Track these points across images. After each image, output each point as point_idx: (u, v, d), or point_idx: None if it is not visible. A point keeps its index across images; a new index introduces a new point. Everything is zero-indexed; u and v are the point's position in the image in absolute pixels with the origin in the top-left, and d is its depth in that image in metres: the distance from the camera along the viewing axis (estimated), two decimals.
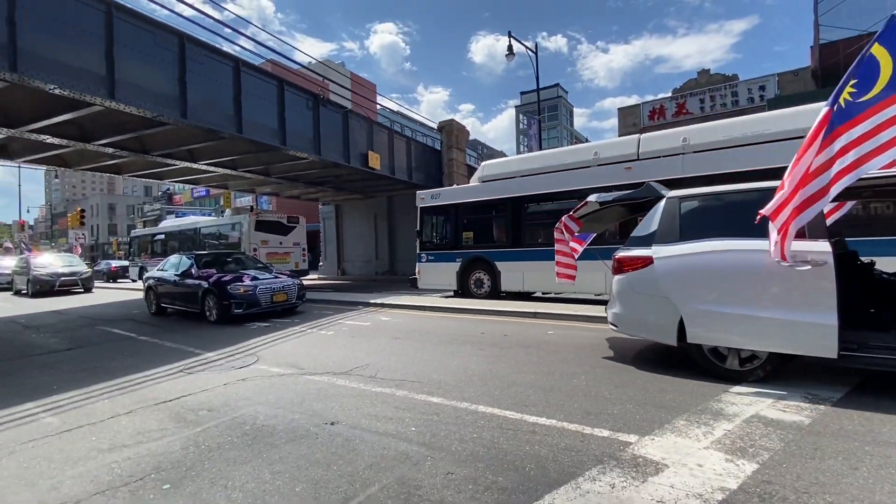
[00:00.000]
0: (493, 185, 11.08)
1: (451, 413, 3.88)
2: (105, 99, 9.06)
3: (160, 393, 4.74)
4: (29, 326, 9.89)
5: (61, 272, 18.75)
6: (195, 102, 10.76)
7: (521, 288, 10.50)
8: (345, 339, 7.24)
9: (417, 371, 5.19)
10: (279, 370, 5.48)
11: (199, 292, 9.61)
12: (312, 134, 14.44)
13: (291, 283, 10.08)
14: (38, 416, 4.19)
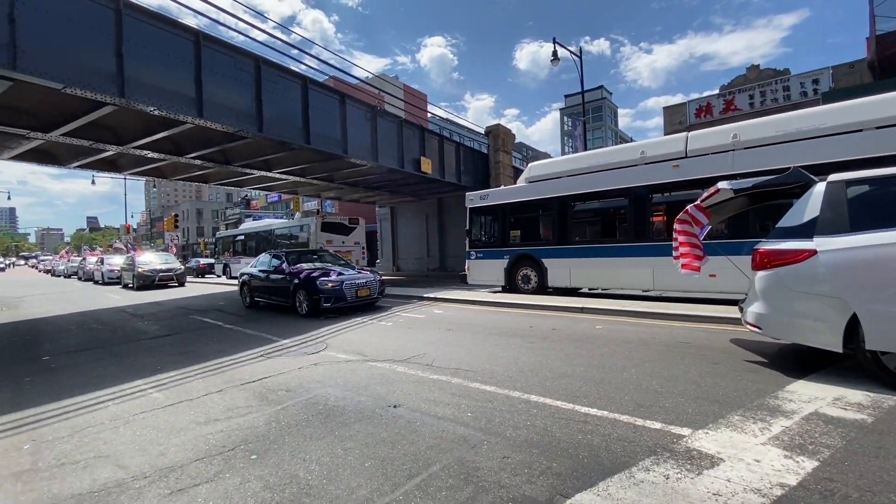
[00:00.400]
0: (540, 186, 10.88)
1: (505, 401, 3.85)
2: (195, 117, 9.74)
3: (245, 374, 5.05)
4: (135, 315, 10.84)
5: (159, 268, 20.39)
6: (270, 118, 11.33)
7: (567, 284, 10.24)
8: (402, 330, 7.38)
9: (470, 361, 5.20)
10: (346, 357, 5.68)
11: (290, 287, 9.66)
12: (370, 143, 14.79)
13: (373, 278, 9.94)
14: (147, 392, 4.58)
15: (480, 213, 12.15)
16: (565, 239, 10.27)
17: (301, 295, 9.37)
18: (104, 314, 11.32)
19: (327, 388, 4.43)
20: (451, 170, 19.29)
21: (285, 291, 9.83)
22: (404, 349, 5.93)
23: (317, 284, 9.11)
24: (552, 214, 10.54)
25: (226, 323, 8.97)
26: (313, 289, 9.09)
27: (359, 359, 5.55)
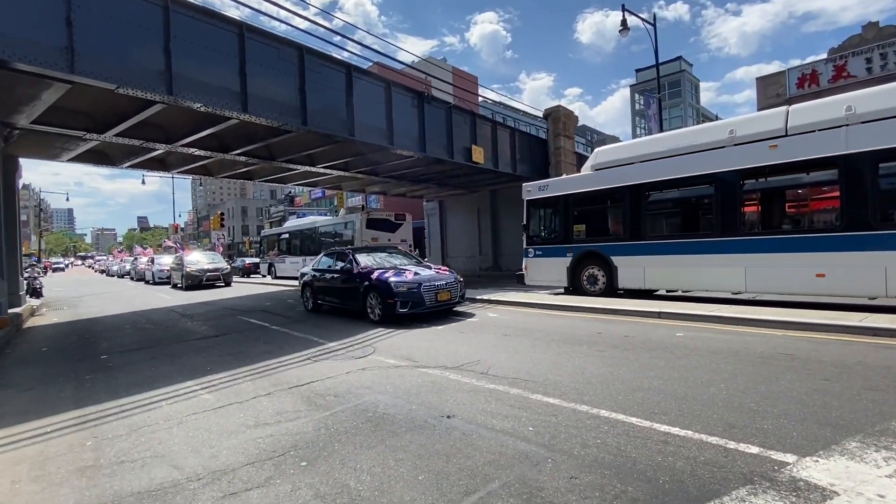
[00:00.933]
0: (608, 173, 10.53)
1: (571, 415, 3.77)
2: (240, 113, 10.34)
3: (292, 378, 5.31)
4: (185, 315, 11.71)
5: (207, 268, 21.92)
6: (313, 110, 11.79)
7: (641, 285, 9.86)
8: (453, 334, 7.44)
9: (530, 370, 5.14)
10: (394, 362, 5.81)
11: (360, 289, 9.22)
12: (417, 132, 14.99)
13: (453, 279, 9.25)
14: (198, 393, 4.94)
15: (539, 205, 11.99)
16: (638, 233, 9.89)
17: (372, 298, 8.96)
18: (155, 314, 12.33)
19: (376, 394, 4.55)
20: (506, 158, 19.13)
21: (354, 294, 9.45)
22: (457, 355, 5.97)
23: (391, 286, 8.60)
24: (623, 206, 10.19)
25: (272, 324, 9.47)
26: (387, 291, 8.60)
27: (408, 364, 5.66)
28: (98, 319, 11.84)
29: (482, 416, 3.84)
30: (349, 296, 9.68)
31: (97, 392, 5.17)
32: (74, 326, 10.74)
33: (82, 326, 10.68)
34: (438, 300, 8.84)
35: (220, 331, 9.02)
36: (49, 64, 7.65)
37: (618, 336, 6.67)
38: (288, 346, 7.12)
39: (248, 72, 10.39)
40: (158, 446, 3.62)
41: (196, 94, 9.57)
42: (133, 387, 5.29)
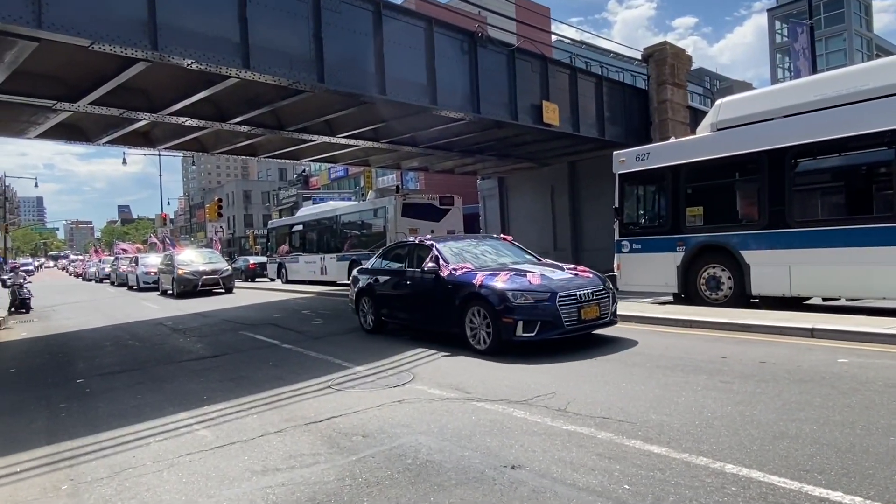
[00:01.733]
0: (736, 134, 10.14)
1: (683, 470, 3.66)
2: (240, 69, 10.75)
3: (309, 411, 5.48)
4: (176, 330, 12.37)
5: (203, 270, 22.90)
6: (333, 62, 12.07)
7: (785, 291, 9.46)
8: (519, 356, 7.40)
9: (626, 406, 5.03)
10: (440, 392, 5.86)
11: (453, 301, 8.04)
12: (469, 86, 15.00)
13: (602, 286, 8.00)
14: (193, 428, 5.20)
15: (637, 180, 11.77)
16: (781, 218, 9.48)
17: (476, 316, 7.76)
18: (140, 328, 13.09)
19: (417, 435, 4.61)
20: (590, 117, 18.79)
21: (443, 309, 8.32)
22: (523, 385, 5.94)
23: (506, 297, 7.34)
24: (759, 179, 9.81)
25: (283, 342, 9.80)
26: (500, 305, 7.34)
27: (458, 396, 5.69)
28: (74, 334, 12.71)
29: (559, 468, 3.79)
30: (435, 311, 8.58)
31: (73, 424, 5.55)
32: (47, 343, 11.59)
33: (56, 343, 11.50)
34: (583, 319, 7.48)
35: (219, 350, 9.43)
36: (13, 17, 8.25)
37: (751, 362, 6.42)
38: (303, 370, 7.34)
39: (250, 16, 10.77)
40: (146, 494, 3.83)
41: (186, 47, 10.03)
42: (115, 418, 5.63)
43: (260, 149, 20.60)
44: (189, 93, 12.77)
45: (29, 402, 6.62)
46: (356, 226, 22.51)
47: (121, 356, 9.46)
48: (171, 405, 6.02)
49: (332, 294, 19.67)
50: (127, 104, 13.37)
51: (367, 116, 16.23)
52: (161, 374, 7.70)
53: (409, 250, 9.86)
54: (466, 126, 17.32)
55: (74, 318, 16.18)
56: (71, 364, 8.98)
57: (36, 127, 15.24)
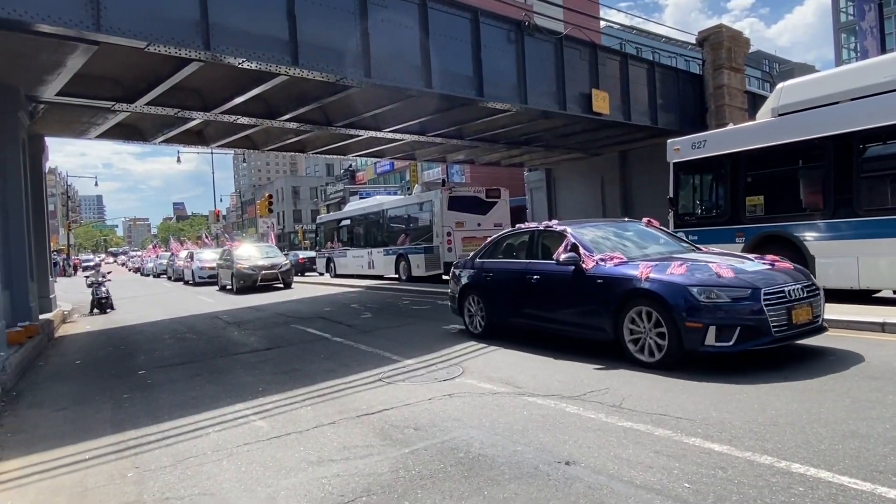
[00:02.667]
0: (799, 119, 9.76)
1: (746, 469, 3.56)
2: (289, 66, 10.96)
3: (361, 403, 5.57)
4: (231, 323, 12.76)
5: (261, 264, 22.89)
6: (379, 57, 12.17)
7: (853, 283, 9.10)
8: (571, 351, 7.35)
9: (683, 403, 4.92)
10: (491, 387, 5.86)
11: (606, 300, 6.65)
12: (515, 76, 14.88)
13: (809, 279, 6.50)
14: (249, 419, 5.36)
15: (693, 169, 11.47)
16: (849, 206, 9.11)
17: (639, 318, 6.32)
18: (198, 321, 13.56)
19: (468, 428, 4.63)
20: (641, 105, 18.39)
21: (588, 308, 6.98)
22: (577, 380, 5.89)
23: (690, 295, 5.90)
24: (824, 167, 9.44)
25: (334, 335, 9.99)
26: (681, 305, 5.91)
27: (510, 391, 5.68)
28: (134, 328, 13.28)
29: (615, 465, 3.74)
30: (575, 312, 7.20)
31: (136, 414, 5.81)
32: (109, 336, 12.15)
33: (117, 336, 12.04)
34: (794, 323, 5.95)
35: (273, 343, 9.69)
36: (74, 22, 8.64)
37: (818, 357, 6.19)
38: (354, 363, 7.47)
39: (298, 13, 10.95)
40: (207, 482, 3.98)
41: (237, 46, 10.29)
42: (175, 409, 5.86)
43: (308, 145, 21.00)
44: (240, 91, 13.11)
45: (94, 392, 6.95)
46: (402, 220, 22.67)
47: (179, 349, 9.83)
48: (229, 396, 6.22)
49: (380, 288, 19.91)
50: (181, 104, 13.83)
51: (414, 110, 16.31)
52: (218, 366, 7.97)
53: (531, 238, 8.32)
54: (513, 117, 17.21)
55: (134, 311, 16.88)
56: (132, 356, 9.38)
57: (96, 128, 15.95)
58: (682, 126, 18.97)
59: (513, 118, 17.36)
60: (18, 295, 11.22)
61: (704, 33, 20.34)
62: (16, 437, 5.36)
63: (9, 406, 6.52)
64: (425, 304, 14.20)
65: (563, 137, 21.20)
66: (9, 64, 10.23)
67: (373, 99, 14.94)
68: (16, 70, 10.71)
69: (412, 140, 19.83)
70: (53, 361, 9.46)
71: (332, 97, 13.91)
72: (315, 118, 16.25)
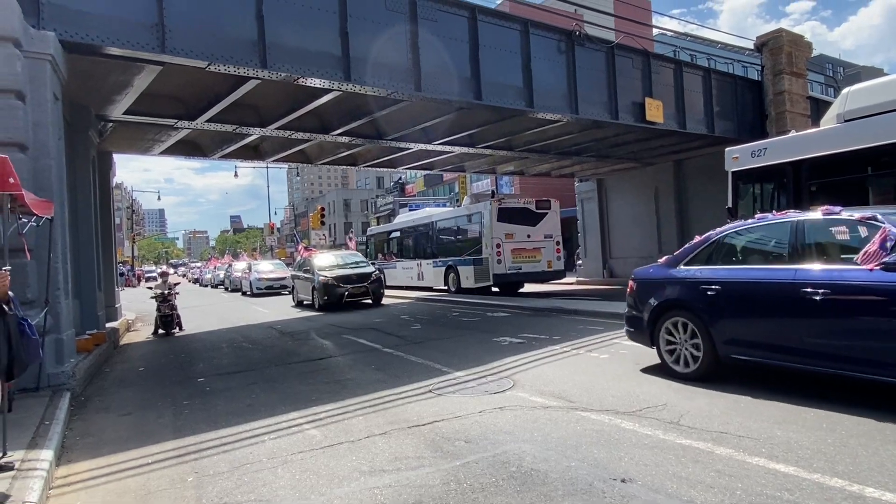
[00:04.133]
0: (869, 125, 9.31)
1: (815, 492, 3.40)
2: (342, 82, 11.22)
3: (412, 414, 5.59)
4: (284, 333, 13.04)
5: (348, 274, 18.79)
6: (429, 71, 12.32)
7: None
8: (626, 366, 7.25)
9: (745, 421, 4.75)
10: (542, 401, 5.80)
11: None
12: (566, 86, 14.78)
13: None
14: (303, 427, 5.46)
15: (753, 179, 11.09)
16: None
17: None
18: (252, 331, 13.92)
19: (520, 443, 4.59)
20: (697, 113, 17.96)
21: None
22: (632, 396, 5.78)
23: None
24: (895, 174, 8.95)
25: (384, 346, 10.09)
26: None
27: (562, 405, 5.61)
28: (193, 336, 13.74)
29: (673, 484, 3.63)
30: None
31: (196, 420, 6.00)
32: (170, 344, 12.62)
33: (178, 344, 12.49)
34: None
35: (325, 353, 9.87)
36: (140, 45, 9.11)
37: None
38: (404, 374, 7.53)
39: (350, 30, 11.21)
40: (263, 489, 4.07)
41: (292, 64, 10.60)
42: (232, 416, 6.03)
43: (359, 158, 21.36)
44: (295, 107, 13.49)
45: (156, 398, 7.22)
46: (452, 231, 22.76)
47: (236, 357, 10.11)
48: (283, 405, 6.36)
49: (429, 299, 20.01)
50: (239, 120, 14.34)
51: (463, 122, 16.39)
52: (272, 375, 8.16)
53: (794, 233, 5.84)
54: (564, 127, 17.07)
55: (193, 321, 17.44)
56: (192, 364, 9.71)
57: (159, 144, 16.70)
58: (741, 134, 18.40)
59: (563, 128, 17.22)
60: (87, 304, 11.76)
61: (763, 38, 19.74)
62: (84, 441, 5.61)
63: (78, 410, 6.84)
64: (475, 315, 14.17)
65: (615, 147, 20.89)
66: (81, 85, 10.81)
67: (423, 112, 15.10)
68: (87, 91, 11.31)
69: (461, 152, 19.91)
70: (119, 368, 9.87)
71: (382, 111, 14.13)
72: (366, 132, 16.54)
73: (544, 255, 19.87)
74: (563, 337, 9.66)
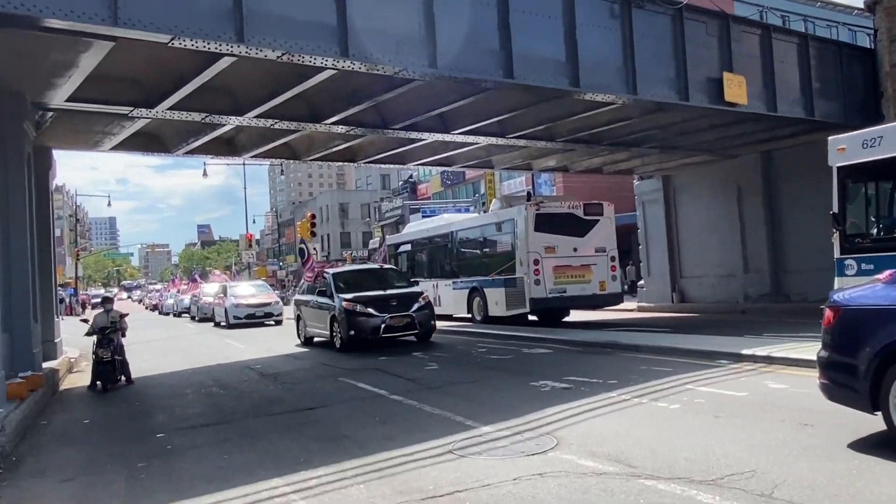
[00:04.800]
0: None
1: None
2: (337, 58, 11.33)
3: (426, 482, 5.56)
4: (265, 375, 13.13)
5: (385, 296, 16.78)
6: (447, 42, 12.37)
7: None
8: (700, 418, 7.16)
9: (859, 492, 4.64)
10: (594, 464, 5.72)
11: None
12: (621, 60, 14.75)
13: None
14: (289, 498, 5.46)
15: (865, 175, 10.99)
16: None
17: None
18: (224, 372, 14.02)
19: None
20: (791, 91, 17.83)
21: None
22: (710, 458, 5.68)
23: None
24: None
25: (391, 392, 10.08)
26: None
27: (619, 470, 5.52)
28: (151, 379, 13.85)
29: None
30: None
31: (155, 488, 6.03)
32: (122, 389, 12.71)
33: (132, 389, 12.59)
34: None
35: (316, 401, 9.88)
36: (88, 16, 9.24)
37: None
38: (416, 429, 7.48)
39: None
40: None
41: (276, 37, 10.71)
42: (201, 482, 6.05)
43: (359, 153, 21.49)
44: (279, 90, 13.60)
45: (105, 459, 7.28)
46: (477, 244, 22.79)
47: (204, 406, 10.17)
48: (263, 468, 6.36)
49: (449, 331, 20.01)
50: (210, 107, 14.50)
51: (490, 106, 16.42)
52: (250, 429, 8.18)
53: None
54: (619, 111, 17.02)
55: (150, 359, 17.60)
56: (149, 415, 9.78)
57: (111, 138, 16.95)
58: (848, 117, 18.25)
59: (618, 112, 17.16)
60: (20, 339, 11.91)
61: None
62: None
63: (8, 474, 6.92)
64: (506, 352, 14.14)
65: (684, 135, 20.77)
66: (13, 66, 11.05)
67: (439, 94, 15.16)
68: (21, 73, 11.55)
69: (488, 144, 19.94)
70: (59, 420, 9.97)
71: (388, 94, 14.21)
72: (368, 120, 16.65)
73: (595, 275, 19.74)
74: (621, 381, 9.54)
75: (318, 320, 17.99)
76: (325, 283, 18.06)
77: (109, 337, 12.74)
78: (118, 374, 12.80)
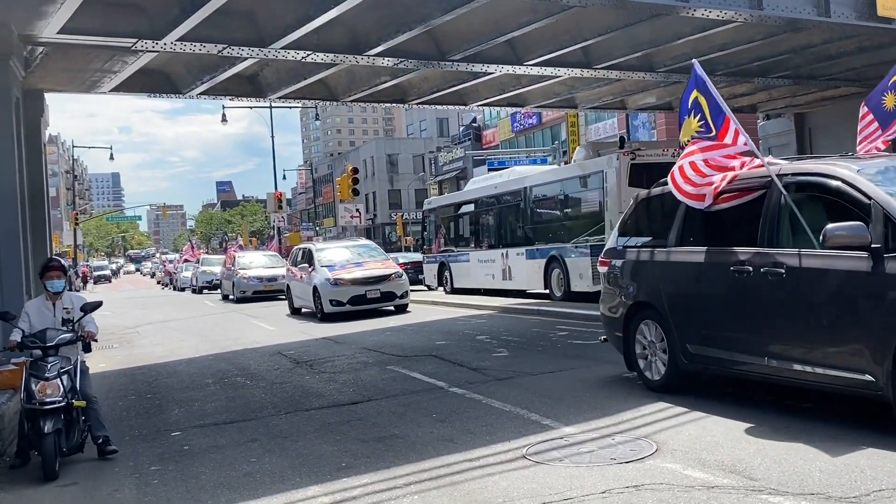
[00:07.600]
0: None
1: None
2: None
3: (495, 494, 5.56)
4: (299, 362, 13.31)
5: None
6: None
7: None
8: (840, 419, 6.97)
9: None
10: (704, 476, 5.65)
11: None
12: None
13: None
14: None
15: None
16: None
17: None
18: (252, 359, 14.30)
19: None
20: None
21: None
22: (851, 469, 5.57)
23: None
24: None
25: (451, 384, 10.12)
26: None
27: (735, 483, 5.44)
28: (164, 367, 14.24)
29: None
30: None
31: (170, 496, 6.18)
32: (132, 379, 13.10)
33: (143, 379, 12.96)
34: None
35: (361, 394, 9.99)
36: None
37: None
38: (482, 429, 7.49)
39: None
40: None
41: None
42: (223, 489, 6.19)
43: (410, 91, 21.43)
44: (311, 14, 13.49)
45: (112, 461, 7.48)
46: (556, 203, 22.56)
47: (227, 399, 10.40)
48: (298, 474, 6.46)
49: (521, 310, 19.96)
50: (228, 37, 14.56)
51: (573, 28, 16.15)
52: (282, 428, 8.31)
53: None
54: (739, 32, 16.59)
55: (164, 342, 18.09)
56: (163, 409, 10.05)
57: (111, 77, 17.27)
58: None
59: (738, 34, 16.72)
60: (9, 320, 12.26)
61: None
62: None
63: (3, 475, 7.19)
64: (592, 337, 14.00)
65: (824, 62, 20.13)
66: None
67: (509, 13, 14.95)
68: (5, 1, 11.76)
69: (570, 76, 19.66)
70: None
71: (445, 16, 14.02)
72: (420, 49, 16.52)
73: None
74: None
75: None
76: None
77: (61, 354, 7.54)
78: (77, 435, 7.49)
